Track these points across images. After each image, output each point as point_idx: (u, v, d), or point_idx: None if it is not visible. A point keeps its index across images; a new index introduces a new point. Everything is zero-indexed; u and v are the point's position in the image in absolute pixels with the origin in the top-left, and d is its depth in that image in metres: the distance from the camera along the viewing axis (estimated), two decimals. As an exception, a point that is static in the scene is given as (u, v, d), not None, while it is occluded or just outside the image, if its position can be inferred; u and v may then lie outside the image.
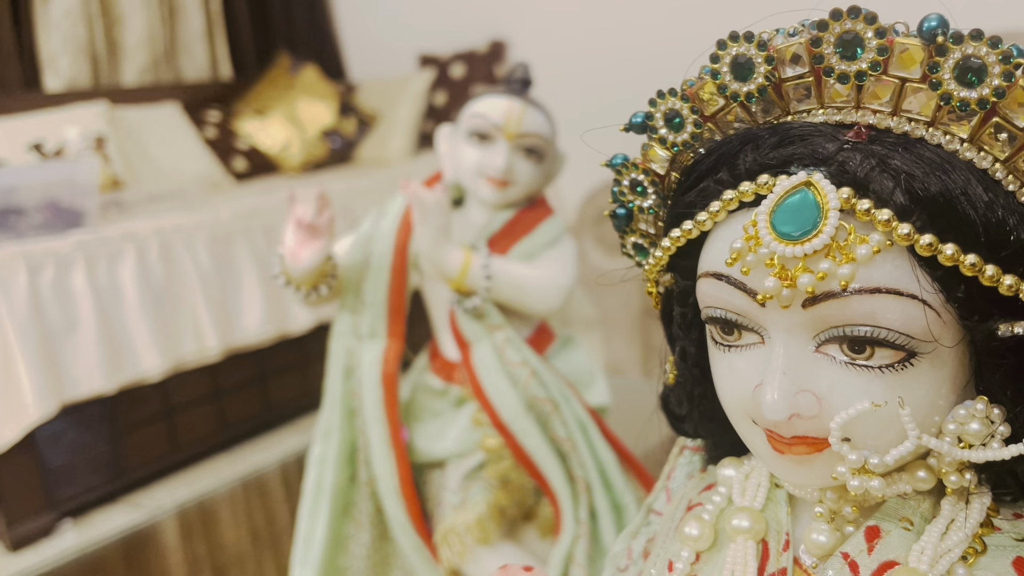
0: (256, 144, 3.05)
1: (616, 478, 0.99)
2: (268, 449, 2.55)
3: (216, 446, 2.55)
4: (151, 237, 2.30)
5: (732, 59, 0.41)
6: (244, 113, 3.11)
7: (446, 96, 3.31)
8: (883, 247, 0.37)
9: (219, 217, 2.45)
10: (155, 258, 2.30)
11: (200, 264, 2.38)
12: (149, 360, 2.24)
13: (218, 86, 3.23)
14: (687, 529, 0.47)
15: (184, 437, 2.45)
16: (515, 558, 1.04)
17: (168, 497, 2.29)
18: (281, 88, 3.14)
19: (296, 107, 3.09)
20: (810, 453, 0.40)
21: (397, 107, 3.19)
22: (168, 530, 2.11)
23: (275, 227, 2.57)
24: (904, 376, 0.38)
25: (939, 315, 0.37)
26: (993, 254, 0.36)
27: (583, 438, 0.99)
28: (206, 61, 3.24)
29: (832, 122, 0.40)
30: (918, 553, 0.40)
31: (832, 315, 0.38)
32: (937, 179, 0.37)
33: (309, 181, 2.92)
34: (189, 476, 2.42)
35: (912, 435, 0.38)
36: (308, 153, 3.06)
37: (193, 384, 2.44)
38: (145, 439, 2.35)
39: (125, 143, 2.73)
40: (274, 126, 3.05)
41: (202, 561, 1.90)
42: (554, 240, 1.03)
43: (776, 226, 0.38)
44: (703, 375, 0.48)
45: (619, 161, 0.48)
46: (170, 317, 2.29)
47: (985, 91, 0.36)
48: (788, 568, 0.44)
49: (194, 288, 2.35)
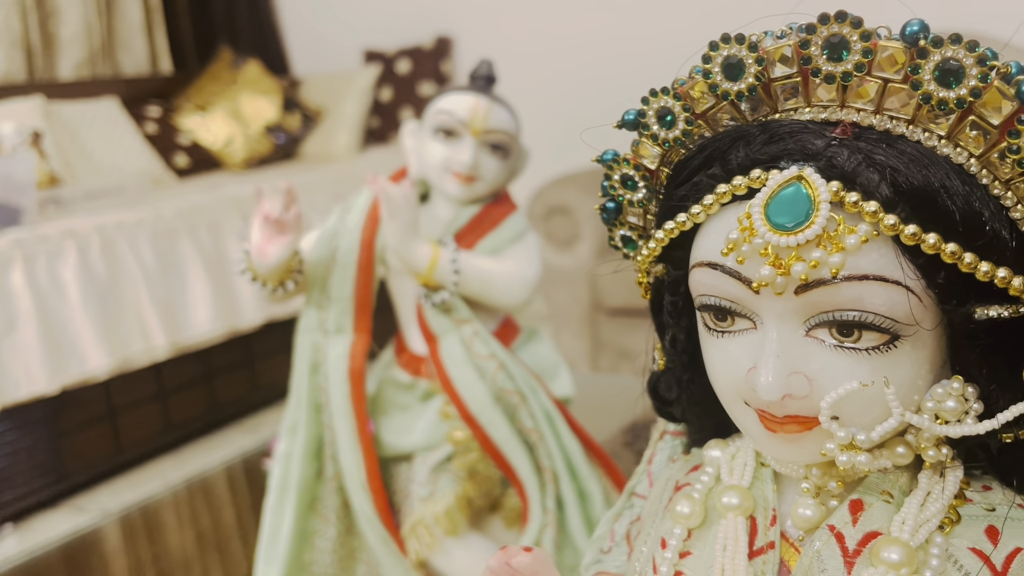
0: (198, 140, 3.00)
1: (582, 467, 1.02)
2: (215, 449, 2.52)
3: (162, 447, 2.50)
4: (92, 234, 2.26)
5: (724, 59, 0.43)
6: (185, 108, 3.06)
7: (392, 92, 3.30)
8: (870, 237, 0.39)
9: (162, 214, 2.41)
10: (97, 256, 2.25)
11: (144, 261, 2.34)
12: (94, 359, 2.20)
13: (158, 80, 3.17)
14: (679, 507, 0.49)
15: (128, 438, 2.40)
16: (482, 548, 1.06)
17: (113, 500, 2.24)
18: (223, 83, 3.10)
19: (239, 102, 3.05)
20: (800, 431, 0.43)
21: (342, 103, 3.17)
22: (113, 534, 2.08)
23: (220, 224, 2.53)
24: (888, 357, 0.41)
25: (920, 300, 0.40)
26: (970, 243, 0.39)
27: (550, 429, 1.01)
28: (145, 55, 3.17)
29: (818, 120, 0.43)
30: (899, 523, 0.43)
31: (823, 301, 0.40)
32: (919, 173, 0.39)
33: (253, 177, 2.88)
34: (134, 478, 2.38)
35: (896, 412, 0.41)
36: (252, 149, 3.02)
37: (137, 384, 2.40)
38: (88, 441, 2.30)
39: (62, 138, 2.66)
40: (216, 121, 3.01)
41: (148, 566, 1.87)
42: (519, 235, 1.05)
43: (771, 217, 0.40)
44: (691, 361, 0.51)
45: (610, 157, 0.50)
46: (115, 316, 2.24)
47: (963, 91, 0.39)
48: (776, 542, 0.46)
49: (138, 286, 2.31)
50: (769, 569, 0.46)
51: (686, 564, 0.48)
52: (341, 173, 2.93)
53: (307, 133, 3.16)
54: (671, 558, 0.48)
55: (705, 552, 0.48)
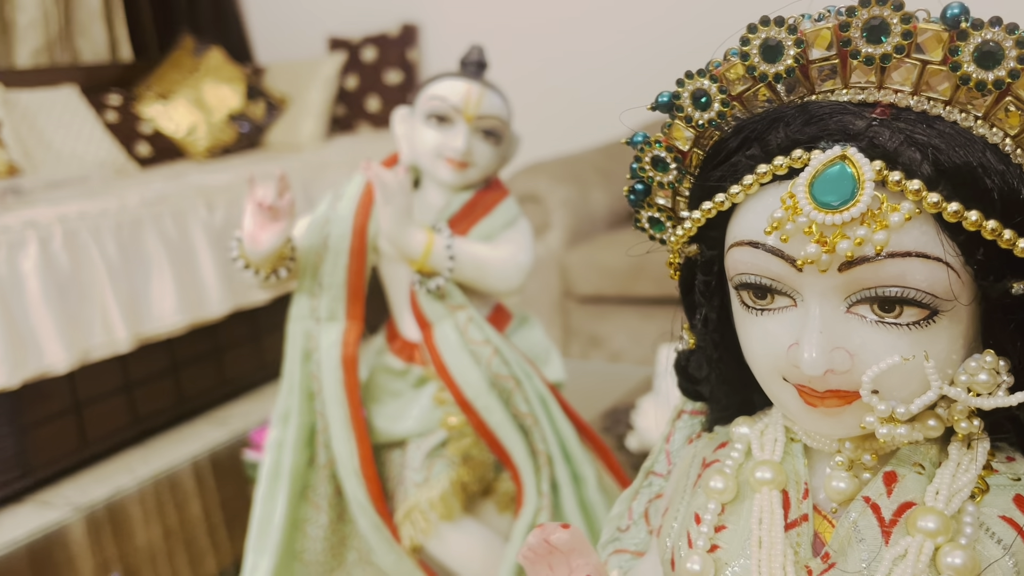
0: (160, 128, 2.95)
1: (575, 450, 1.03)
2: (183, 442, 2.49)
3: (129, 440, 2.47)
4: (54, 225, 2.21)
5: (762, 42, 0.44)
6: (146, 96, 3.00)
7: (357, 80, 3.27)
8: (913, 214, 0.40)
9: (126, 204, 2.37)
10: (59, 247, 2.21)
11: (107, 252, 2.30)
12: (54, 353, 2.16)
13: (118, 68, 3.11)
14: (712, 483, 0.50)
15: (94, 432, 2.36)
16: (477, 533, 1.07)
17: (80, 495, 2.21)
18: (185, 71, 3.05)
19: (201, 90, 3.01)
20: (840, 405, 0.44)
21: (307, 91, 3.14)
22: (81, 529, 2.04)
23: (185, 214, 2.50)
24: (927, 332, 0.42)
25: (959, 276, 0.41)
26: (1008, 220, 0.41)
27: (544, 413, 1.02)
28: (104, 42, 3.11)
29: (855, 101, 0.44)
30: (933, 494, 0.44)
31: (866, 277, 0.41)
32: (959, 152, 0.41)
33: (218, 166, 2.84)
34: (101, 472, 2.34)
35: (935, 385, 0.42)
36: (215, 138, 2.98)
37: (102, 376, 2.36)
38: (53, 435, 2.26)
39: (20, 127, 2.59)
40: (178, 110, 2.96)
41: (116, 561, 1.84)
42: (511, 221, 1.05)
43: (816, 196, 0.41)
44: (722, 340, 0.52)
45: (640, 139, 0.50)
46: (77, 308, 2.20)
47: (1001, 72, 0.40)
48: (809, 514, 0.48)
49: (101, 277, 2.27)
50: (804, 541, 0.47)
51: (721, 538, 0.49)
52: (307, 162, 2.90)
53: (272, 122, 3.12)
54: (707, 532, 0.49)
55: (740, 526, 0.49)
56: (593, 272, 2.41)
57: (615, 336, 2.41)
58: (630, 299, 2.39)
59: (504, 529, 1.10)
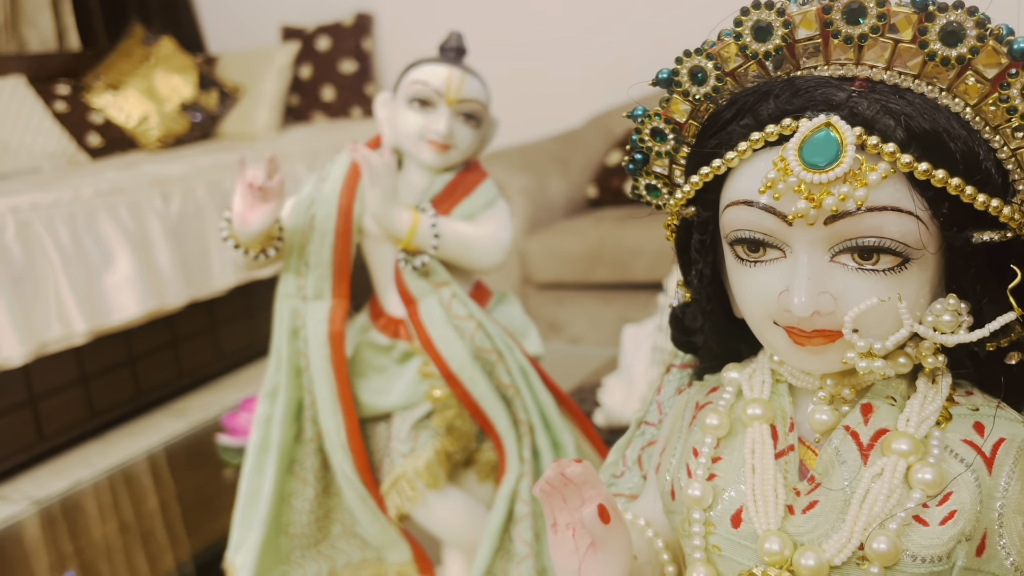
0: (111, 118, 2.92)
1: (555, 419, 1.08)
2: (141, 435, 2.48)
3: (86, 433, 2.45)
4: (7, 216, 2.19)
5: (754, 23, 0.50)
6: (96, 86, 2.97)
7: (312, 69, 3.27)
8: (888, 174, 0.47)
9: (80, 195, 2.35)
10: (12, 238, 2.19)
11: (62, 244, 2.28)
12: (9, 346, 2.14)
13: (66, 57, 3.06)
14: (708, 420, 0.56)
15: (50, 425, 2.34)
16: (461, 501, 1.11)
17: (37, 489, 2.19)
18: (135, 60, 3.02)
19: (152, 80, 2.98)
20: (825, 343, 0.50)
21: (261, 80, 3.14)
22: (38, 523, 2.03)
23: (141, 204, 2.49)
24: (900, 277, 0.48)
25: (928, 228, 0.48)
26: (969, 178, 0.47)
27: (525, 384, 1.07)
28: (51, 31, 3.06)
29: (836, 76, 0.50)
30: (904, 421, 0.51)
31: (847, 230, 0.48)
32: (927, 119, 0.47)
33: (171, 156, 2.83)
34: (58, 466, 2.32)
35: (907, 323, 0.49)
36: (167, 128, 2.96)
37: (57, 369, 2.34)
38: (8, 428, 2.23)
39: (-33, 117, 2.55)
40: (129, 100, 2.93)
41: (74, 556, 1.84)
42: (491, 201, 1.10)
43: (805, 159, 0.47)
44: (715, 292, 0.58)
45: (640, 112, 0.56)
46: (31, 300, 2.18)
47: (963, 49, 0.46)
48: (795, 445, 0.54)
49: (56, 269, 2.25)
50: (792, 468, 0.53)
51: (718, 467, 0.55)
52: (262, 152, 2.90)
53: (225, 112, 3.11)
54: (705, 463, 0.55)
55: (734, 456, 0.55)
56: (551, 259, 2.46)
57: (574, 321, 2.47)
58: (588, 285, 2.46)
59: (485, 498, 1.15)
